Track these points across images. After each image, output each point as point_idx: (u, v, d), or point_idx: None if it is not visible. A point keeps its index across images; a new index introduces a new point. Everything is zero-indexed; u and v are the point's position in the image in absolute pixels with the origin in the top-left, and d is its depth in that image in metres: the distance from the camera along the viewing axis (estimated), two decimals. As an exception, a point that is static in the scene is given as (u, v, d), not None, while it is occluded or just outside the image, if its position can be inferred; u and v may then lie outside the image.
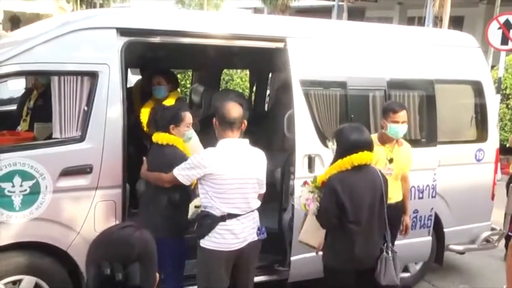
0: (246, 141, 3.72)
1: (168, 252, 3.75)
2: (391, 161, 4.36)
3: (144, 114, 5.03)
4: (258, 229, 3.72)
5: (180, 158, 3.80)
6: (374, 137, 4.14)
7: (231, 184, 3.53)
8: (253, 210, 3.68)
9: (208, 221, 3.56)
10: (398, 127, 4.32)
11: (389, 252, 3.75)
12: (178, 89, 5.45)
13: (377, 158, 4.21)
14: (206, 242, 3.58)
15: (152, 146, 4.06)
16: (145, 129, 4.96)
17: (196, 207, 3.89)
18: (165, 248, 3.44)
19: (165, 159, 3.86)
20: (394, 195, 4.27)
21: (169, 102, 4.93)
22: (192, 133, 4.09)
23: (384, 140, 4.41)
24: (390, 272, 3.71)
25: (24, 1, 29.01)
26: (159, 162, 3.90)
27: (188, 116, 4.03)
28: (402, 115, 4.31)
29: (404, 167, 4.48)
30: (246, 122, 3.75)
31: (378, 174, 3.76)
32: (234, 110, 3.66)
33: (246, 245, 3.63)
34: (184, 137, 4.00)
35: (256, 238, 3.70)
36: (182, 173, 3.63)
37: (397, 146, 4.43)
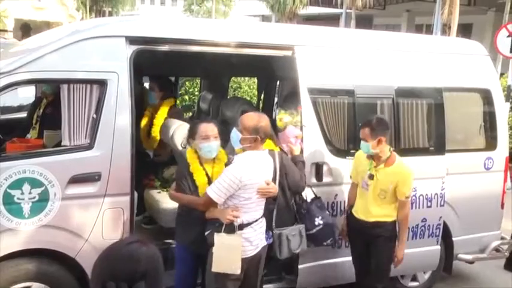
0: (266, 151, 3.82)
1: None
2: (371, 177, 4.25)
3: (144, 122, 5.09)
4: (266, 233, 3.84)
5: (178, 168, 3.87)
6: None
7: (254, 192, 3.64)
8: (262, 217, 3.80)
9: (226, 230, 3.61)
10: (362, 144, 4.26)
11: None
12: (180, 97, 5.48)
13: (361, 168, 4.33)
14: None
15: None
16: (156, 138, 5.02)
17: None
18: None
19: None
20: (372, 213, 4.27)
21: (163, 110, 5.00)
22: (211, 146, 3.85)
23: (372, 155, 4.28)
24: (284, 249, 4.05)
25: (35, 9, 29.32)
26: None
27: (203, 128, 3.87)
28: (361, 132, 4.24)
29: (387, 189, 4.21)
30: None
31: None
32: (267, 122, 3.76)
33: (258, 251, 3.75)
34: (200, 150, 3.86)
35: (265, 243, 3.83)
36: (216, 192, 3.56)
37: (383, 166, 4.23)
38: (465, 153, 5.36)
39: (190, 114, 7.46)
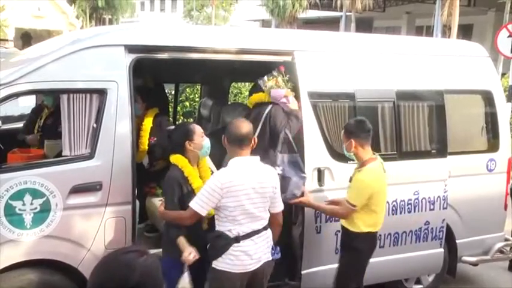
0: (257, 158, 3.68)
1: None
2: (350, 179, 4.24)
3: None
4: (272, 248, 3.68)
5: (166, 179, 3.86)
6: None
7: (244, 200, 3.48)
8: (266, 229, 3.63)
9: (222, 242, 3.51)
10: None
11: None
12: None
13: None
14: (220, 264, 3.52)
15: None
16: (145, 150, 4.98)
17: None
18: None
19: None
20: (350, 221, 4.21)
21: (147, 121, 5.00)
22: (208, 142, 3.99)
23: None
24: None
25: (35, 18, 29.42)
26: None
27: (198, 127, 4.00)
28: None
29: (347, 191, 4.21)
30: (256, 138, 3.73)
31: None
32: (243, 126, 3.64)
33: (261, 265, 3.59)
34: (202, 148, 3.91)
35: (270, 258, 3.66)
36: (199, 203, 3.51)
37: (357, 171, 4.19)
38: (467, 155, 5.35)
39: (192, 120, 7.45)
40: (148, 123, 5.00)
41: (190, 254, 3.58)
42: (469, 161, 5.32)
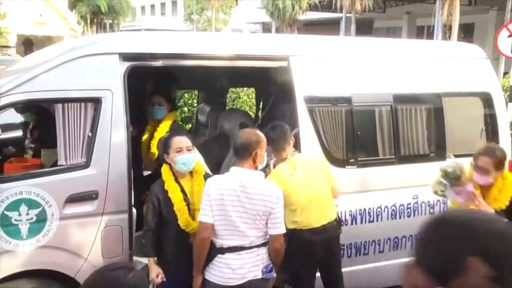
0: (259, 173, 3.55)
1: None
2: None
3: (145, 138, 5.03)
4: (265, 267, 3.49)
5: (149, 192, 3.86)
6: None
7: (231, 212, 3.39)
8: (259, 247, 3.47)
9: (210, 251, 3.48)
10: None
11: None
12: (179, 110, 5.39)
13: None
14: (206, 273, 3.53)
15: None
16: (155, 153, 4.95)
17: None
18: None
19: None
20: None
21: (165, 124, 4.91)
22: (185, 158, 3.82)
23: None
24: None
25: (36, 24, 29.57)
26: None
27: (176, 141, 3.85)
28: None
29: None
30: (262, 155, 3.56)
31: None
32: (241, 137, 3.59)
33: (246, 282, 3.43)
34: (176, 164, 3.81)
35: (258, 276, 3.46)
36: (201, 212, 3.45)
37: None
38: (467, 158, 5.30)
39: (190, 126, 7.44)
40: (165, 126, 4.91)
41: (157, 276, 3.68)
42: (468, 163, 5.28)
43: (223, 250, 3.43)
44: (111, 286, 1.64)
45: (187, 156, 3.80)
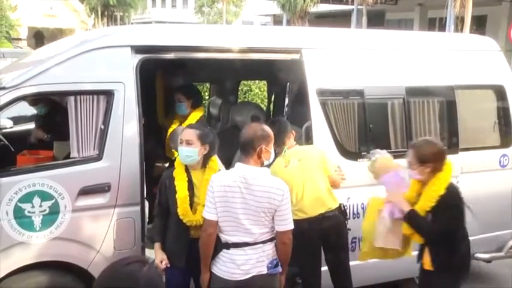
0: (265, 170, 3.49)
1: None
2: None
3: (170, 130, 4.99)
4: (270, 262, 3.41)
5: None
6: None
7: (235, 209, 3.34)
8: (264, 243, 3.40)
9: (216, 246, 3.46)
10: None
11: None
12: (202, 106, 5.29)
13: None
14: (213, 266, 3.49)
15: None
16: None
17: None
18: None
19: None
20: None
21: (191, 120, 4.83)
22: (182, 151, 3.77)
23: None
24: None
25: (47, 17, 29.68)
26: None
27: (180, 132, 3.91)
28: None
29: None
30: (269, 150, 3.47)
31: None
32: (245, 132, 3.50)
33: (250, 278, 3.37)
34: (179, 155, 3.83)
35: (263, 272, 3.39)
36: (205, 208, 3.45)
37: None
38: (479, 151, 5.27)
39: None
40: (190, 121, 4.80)
41: (161, 261, 3.68)
42: (481, 157, 5.25)
43: (228, 245, 3.40)
44: (128, 281, 1.64)
45: (184, 149, 3.75)
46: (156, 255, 3.75)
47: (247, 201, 3.33)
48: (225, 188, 3.36)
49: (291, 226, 3.43)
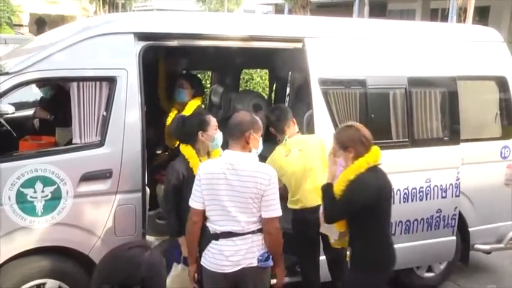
0: (251, 155, 3.39)
1: None
2: None
3: (169, 119, 5.00)
4: (261, 256, 3.30)
5: (169, 168, 3.91)
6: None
7: (222, 196, 3.27)
8: (254, 233, 3.30)
9: (204, 237, 3.41)
10: None
11: None
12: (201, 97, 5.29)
13: None
14: (202, 259, 3.42)
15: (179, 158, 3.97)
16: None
17: None
18: None
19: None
20: None
21: (189, 108, 4.85)
22: (221, 136, 3.96)
23: None
24: None
25: (49, 3, 29.54)
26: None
27: (213, 119, 3.99)
28: None
29: None
30: (257, 138, 3.43)
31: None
32: (234, 117, 3.49)
33: (240, 270, 3.27)
34: (214, 141, 3.93)
35: (254, 264, 3.28)
36: (191, 197, 3.41)
37: None
38: (481, 143, 5.27)
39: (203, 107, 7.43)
40: (189, 109, 4.85)
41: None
42: (482, 148, 5.25)
43: (217, 236, 3.30)
44: (129, 265, 1.65)
45: (221, 135, 3.91)
46: (184, 249, 3.75)
47: (234, 187, 3.25)
48: (212, 176, 3.31)
49: (278, 213, 3.31)
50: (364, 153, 3.53)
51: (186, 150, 3.92)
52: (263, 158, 3.93)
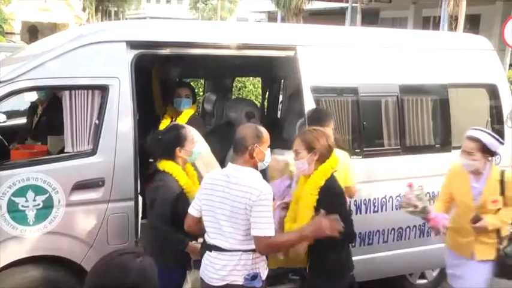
0: (252, 171, 3.26)
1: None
2: None
3: (162, 127, 4.98)
4: (248, 275, 3.18)
5: (163, 191, 3.73)
6: None
7: (217, 209, 3.22)
8: (245, 251, 3.18)
9: (203, 246, 3.40)
10: None
11: None
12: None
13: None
14: (200, 269, 3.39)
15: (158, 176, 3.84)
16: None
17: None
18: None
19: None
20: None
21: (184, 116, 4.84)
22: (199, 148, 3.95)
23: None
24: None
25: (41, 11, 29.46)
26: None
27: (191, 132, 3.90)
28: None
29: None
30: (263, 151, 3.28)
31: None
32: (238, 131, 3.38)
33: (224, 285, 3.20)
34: (192, 155, 3.87)
35: (239, 282, 3.19)
36: (192, 204, 3.43)
37: None
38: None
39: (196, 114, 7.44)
40: (184, 118, 4.82)
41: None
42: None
43: (210, 248, 3.27)
44: (120, 271, 1.65)
45: (201, 146, 3.85)
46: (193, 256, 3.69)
47: (226, 199, 3.18)
48: (211, 186, 3.29)
49: (266, 233, 3.09)
50: (327, 158, 3.49)
51: (172, 167, 3.79)
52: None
